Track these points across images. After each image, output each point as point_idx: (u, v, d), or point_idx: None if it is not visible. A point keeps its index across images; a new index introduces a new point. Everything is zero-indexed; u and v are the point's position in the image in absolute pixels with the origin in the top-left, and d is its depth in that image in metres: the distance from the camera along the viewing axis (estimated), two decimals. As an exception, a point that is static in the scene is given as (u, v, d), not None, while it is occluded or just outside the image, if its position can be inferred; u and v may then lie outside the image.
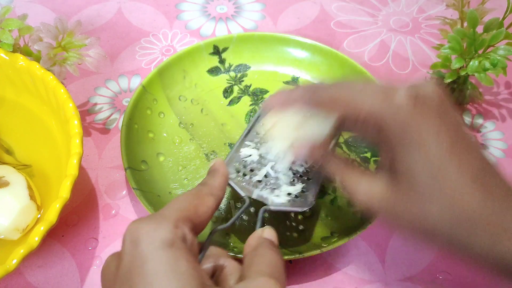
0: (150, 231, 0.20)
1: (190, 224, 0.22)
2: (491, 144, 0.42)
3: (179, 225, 0.21)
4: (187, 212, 0.23)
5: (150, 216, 0.22)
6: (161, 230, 0.20)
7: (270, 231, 0.26)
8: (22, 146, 0.37)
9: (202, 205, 0.24)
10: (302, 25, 0.52)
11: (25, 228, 0.32)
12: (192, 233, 0.22)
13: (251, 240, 0.25)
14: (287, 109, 0.28)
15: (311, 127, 0.28)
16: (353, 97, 0.25)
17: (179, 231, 0.21)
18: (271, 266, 0.22)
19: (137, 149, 0.37)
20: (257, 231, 0.26)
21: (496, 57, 0.37)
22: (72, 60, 0.38)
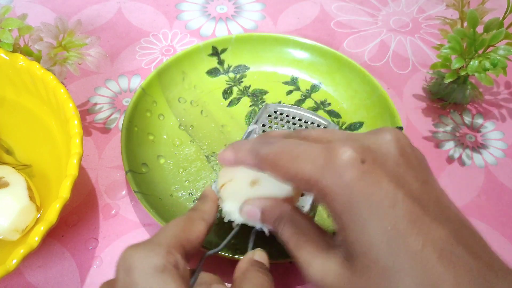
0: (143, 258, 0.20)
1: (182, 250, 0.22)
2: (491, 144, 0.42)
3: (172, 251, 0.21)
4: (179, 238, 0.23)
5: (143, 243, 0.22)
6: (154, 256, 0.20)
7: (261, 254, 0.26)
8: (22, 146, 0.37)
9: (193, 231, 0.24)
10: (302, 25, 0.52)
11: (24, 229, 0.32)
12: (184, 259, 0.22)
13: (242, 263, 0.25)
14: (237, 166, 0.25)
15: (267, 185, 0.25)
16: (293, 161, 0.21)
17: (171, 257, 0.21)
18: None
19: (138, 152, 0.37)
20: (248, 253, 0.26)
21: (496, 57, 0.37)
22: (73, 60, 0.38)
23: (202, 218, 0.25)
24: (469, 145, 0.42)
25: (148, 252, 0.21)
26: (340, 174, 0.19)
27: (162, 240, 0.22)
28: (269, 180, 0.25)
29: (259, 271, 0.24)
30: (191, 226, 0.24)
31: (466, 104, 0.45)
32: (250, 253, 0.26)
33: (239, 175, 0.26)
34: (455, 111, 0.45)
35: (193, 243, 0.24)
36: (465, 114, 0.45)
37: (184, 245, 0.23)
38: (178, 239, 0.23)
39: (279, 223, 0.24)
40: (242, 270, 0.24)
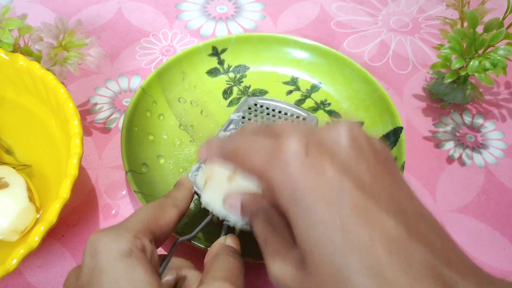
0: (109, 242, 0.20)
1: (151, 236, 0.22)
2: (491, 144, 0.42)
3: (139, 236, 0.21)
4: (148, 223, 0.23)
5: (111, 227, 0.22)
6: (120, 241, 0.20)
7: (232, 239, 0.26)
8: (22, 146, 0.37)
9: (164, 217, 0.24)
10: (302, 25, 0.52)
11: (23, 230, 0.32)
12: (152, 245, 0.22)
13: (212, 248, 0.25)
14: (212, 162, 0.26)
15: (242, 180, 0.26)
16: (247, 155, 0.20)
17: (138, 242, 0.21)
18: (226, 271, 0.22)
19: (138, 152, 0.37)
20: (219, 239, 0.26)
21: (496, 57, 0.37)
22: (73, 60, 0.38)
23: (174, 205, 0.26)
24: (469, 145, 0.42)
25: (115, 237, 0.21)
26: (284, 167, 0.18)
27: (130, 225, 0.22)
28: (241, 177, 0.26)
29: (228, 255, 0.24)
30: (161, 212, 0.24)
31: (466, 104, 0.45)
32: (222, 238, 0.26)
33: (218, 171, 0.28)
34: (455, 111, 0.45)
35: (163, 229, 0.24)
36: (465, 114, 0.45)
37: (153, 230, 0.23)
38: (147, 224, 0.23)
39: (254, 217, 0.24)
40: (213, 254, 0.25)
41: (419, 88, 0.47)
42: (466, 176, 0.40)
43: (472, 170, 0.40)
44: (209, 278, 0.22)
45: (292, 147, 0.18)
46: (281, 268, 0.20)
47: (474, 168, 0.41)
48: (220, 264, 0.23)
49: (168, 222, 0.24)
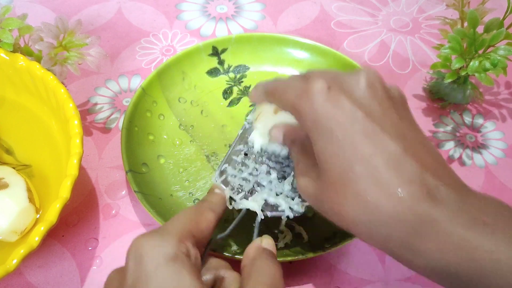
0: (154, 246, 0.20)
1: (193, 239, 0.23)
2: (491, 144, 0.42)
3: (183, 240, 0.22)
4: (190, 227, 0.23)
5: (154, 231, 0.22)
6: (165, 245, 0.21)
7: (268, 241, 0.26)
8: (22, 146, 0.37)
9: (203, 220, 0.25)
10: (302, 25, 0.52)
11: (23, 230, 0.32)
12: (195, 248, 0.22)
13: (250, 251, 0.25)
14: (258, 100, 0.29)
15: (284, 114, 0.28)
16: (283, 93, 0.24)
17: (182, 246, 0.21)
18: (269, 277, 0.22)
19: (138, 152, 0.37)
20: (255, 241, 0.26)
21: (496, 57, 0.37)
22: (73, 60, 0.38)
23: (211, 209, 0.26)
24: (469, 145, 0.42)
25: (160, 241, 0.21)
26: (311, 100, 0.22)
27: (173, 229, 0.22)
28: None
29: (268, 259, 0.24)
30: (200, 216, 0.25)
31: (466, 104, 0.45)
32: (258, 239, 0.26)
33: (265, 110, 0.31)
34: (455, 111, 0.45)
35: (203, 232, 0.24)
36: (465, 114, 0.45)
37: (195, 234, 0.23)
38: (189, 228, 0.23)
39: (292, 145, 0.28)
40: (251, 258, 0.24)
41: (419, 88, 0.47)
42: (466, 176, 0.40)
43: (472, 170, 0.40)
44: (252, 283, 0.22)
45: (318, 85, 0.22)
46: (306, 180, 0.24)
47: (474, 168, 0.41)
48: (262, 270, 0.23)
49: (208, 225, 0.25)
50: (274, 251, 0.26)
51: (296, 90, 0.23)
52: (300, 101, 0.23)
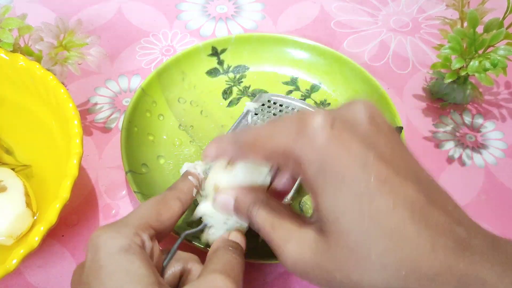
0: (109, 238, 0.21)
1: (151, 231, 0.23)
2: (491, 144, 0.42)
3: (139, 232, 0.22)
4: (149, 219, 0.23)
5: (112, 224, 0.23)
6: (119, 237, 0.21)
7: (236, 234, 0.26)
8: (22, 146, 0.37)
9: (166, 211, 0.25)
10: (302, 25, 0.52)
11: (19, 235, 0.32)
12: (152, 240, 0.23)
13: (215, 243, 0.26)
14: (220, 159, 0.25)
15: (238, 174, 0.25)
16: (269, 137, 0.21)
17: (137, 238, 0.22)
18: (224, 264, 0.23)
19: (138, 152, 0.37)
20: (223, 234, 0.26)
21: (496, 57, 0.37)
22: (74, 59, 0.38)
23: (178, 198, 0.26)
24: (469, 145, 0.42)
25: (115, 233, 0.22)
26: (311, 140, 0.19)
27: (130, 221, 0.23)
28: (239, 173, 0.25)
29: (229, 249, 0.24)
30: (164, 206, 0.25)
31: (466, 104, 0.45)
32: (226, 233, 0.26)
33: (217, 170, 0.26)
34: (455, 111, 0.45)
35: (165, 223, 0.24)
36: (465, 114, 0.45)
37: (154, 225, 0.23)
38: (147, 219, 0.23)
39: (252, 208, 0.23)
40: (214, 248, 0.25)
41: (419, 88, 0.47)
42: (466, 176, 0.40)
43: (472, 170, 0.40)
44: (207, 270, 0.22)
45: (317, 121, 0.19)
46: (299, 246, 0.20)
47: (474, 168, 0.41)
48: (219, 258, 0.23)
49: (171, 216, 0.25)
50: (241, 244, 0.26)
51: (289, 131, 0.20)
52: (296, 143, 0.19)
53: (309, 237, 0.20)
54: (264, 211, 0.23)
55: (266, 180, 0.26)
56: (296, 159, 0.19)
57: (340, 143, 0.18)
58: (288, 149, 0.20)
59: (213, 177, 0.27)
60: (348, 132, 0.19)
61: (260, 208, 0.23)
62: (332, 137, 0.18)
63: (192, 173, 0.29)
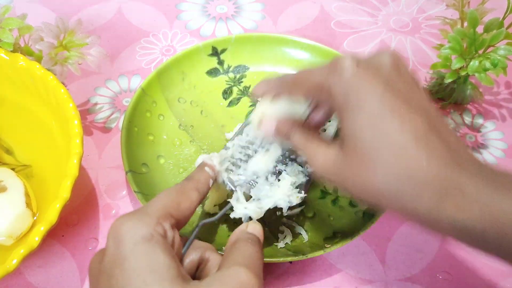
0: (131, 228, 0.21)
1: (172, 220, 0.23)
2: (491, 144, 0.42)
3: (160, 221, 0.22)
4: (169, 208, 0.24)
5: (133, 212, 0.23)
6: (142, 227, 0.21)
7: (254, 226, 0.27)
8: (22, 146, 0.37)
9: (185, 201, 0.25)
10: (302, 25, 0.52)
11: (19, 235, 0.32)
12: (173, 229, 0.23)
13: (233, 235, 0.26)
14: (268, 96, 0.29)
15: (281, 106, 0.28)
16: (308, 75, 0.25)
17: (159, 227, 0.22)
18: (245, 257, 0.23)
19: (138, 152, 0.37)
20: (242, 225, 0.27)
21: (496, 57, 0.37)
22: (74, 59, 0.38)
23: (195, 188, 0.27)
24: (469, 145, 0.42)
25: (137, 223, 0.22)
26: (339, 75, 0.23)
27: (151, 210, 0.23)
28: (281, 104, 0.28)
29: (248, 241, 0.25)
30: (182, 195, 0.25)
31: (466, 104, 0.45)
32: (244, 225, 0.27)
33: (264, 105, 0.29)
34: (455, 111, 0.45)
35: (184, 213, 0.25)
36: (465, 114, 0.45)
37: (174, 215, 0.24)
38: (168, 209, 0.24)
39: (290, 131, 0.27)
40: (233, 240, 0.25)
41: (419, 88, 0.47)
42: (466, 176, 0.40)
43: (472, 170, 0.40)
44: (228, 262, 0.22)
45: (347, 61, 0.23)
46: (324, 156, 0.25)
47: (474, 168, 0.41)
48: (239, 250, 0.24)
49: (190, 206, 0.25)
50: (259, 236, 0.26)
51: (323, 71, 0.24)
52: (328, 78, 0.24)
53: (332, 151, 0.24)
54: (300, 133, 0.27)
55: (304, 114, 0.29)
56: (328, 91, 0.24)
57: (362, 79, 0.22)
58: (322, 83, 0.24)
59: (260, 109, 0.29)
60: (371, 70, 0.22)
61: (296, 130, 0.27)
62: (356, 73, 0.22)
63: (208, 164, 0.29)
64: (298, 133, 0.27)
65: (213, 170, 0.29)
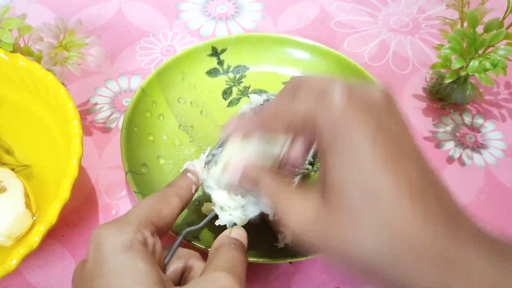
0: (111, 236, 0.21)
1: (153, 227, 0.23)
2: (491, 144, 0.42)
3: (141, 228, 0.22)
4: (150, 215, 0.23)
5: (114, 221, 0.23)
6: (121, 234, 0.21)
7: (238, 231, 0.26)
8: (22, 146, 0.37)
9: (166, 207, 0.25)
10: (302, 25, 0.52)
11: (18, 236, 0.32)
12: (154, 236, 0.23)
13: (217, 240, 0.26)
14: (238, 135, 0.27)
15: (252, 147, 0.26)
16: (289, 107, 0.22)
17: (139, 234, 0.22)
18: (228, 262, 0.23)
19: (137, 152, 0.37)
20: (226, 231, 0.26)
21: (496, 57, 0.37)
22: (74, 59, 0.38)
23: (177, 194, 0.26)
24: (469, 145, 0.42)
25: (116, 230, 0.22)
26: (328, 110, 0.20)
27: (131, 218, 0.23)
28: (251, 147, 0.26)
29: (231, 247, 0.24)
30: (163, 202, 0.25)
31: (466, 104, 0.45)
32: (227, 230, 0.26)
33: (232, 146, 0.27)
34: (455, 111, 0.45)
35: (166, 220, 0.24)
36: (465, 114, 0.45)
37: (155, 222, 0.23)
38: (149, 216, 0.23)
39: (260, 178, 0.25)
40: (217, 245, 0.25)
41: (419, 88, 0.47)
42: (466, 176, 0.40)
43: (472, 170, 0.40)
44: (209, 268, 0.22)
45: (336, 95, 0.20)
46: (302, 209, 0.21)
47: (474, 168, 0.41)
48: (221, 255, 0.23)
49: (171, 213, 0.25)
50: (243, 241, 0.26)
51: (309, 99, 0.21)
52: (316, 111, 0.21)
53: (312, 202, 0.21)
54: (270, 181, 0.24)
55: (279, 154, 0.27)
56: (314, 125, 0.21)
57: (354, 118, 0.20)
58: (307, 115, 0.21)
59: (227, 151, 0.28)
60: (363, 109, 0.20)
61: (267, 178, 0.24)
62: (348, 111, 0.20)
63: (191, 170, 0.29)
64: (268, 180, 0.24)
65: (196, 176, 0.29)
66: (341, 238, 0.19)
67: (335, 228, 0.20)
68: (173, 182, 0.28)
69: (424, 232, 0.18)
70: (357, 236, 0.19)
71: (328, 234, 0.20)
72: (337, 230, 0.20)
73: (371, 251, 0.19)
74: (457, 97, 0.44)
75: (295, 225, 0.21)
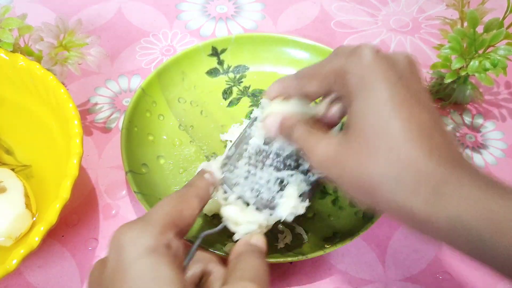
0: (134, 238, 0.20)
1: (175, 228, 0.22)
2: (491, 144, 0.42)
3: (164, 231, 0.21)
4: (172, 217, 0.23)
5: (136, 221, 0.22)
6: (145, 237, 0.21)
7: (258, 237, 0.26)
8: (22, 146, 0.37)
9: (187, 208, 0.24)
10: (302, 25, 0.52)
11: (18, 236, 0.32)
12: (177, 239, 0.22)
13: (237, 247, 0.25)
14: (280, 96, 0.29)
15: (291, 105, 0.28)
16: (325, 63, 0.25)
17: (163, 237, 0.21)
18: (252, 271, 0.22)
19: (138, 152, 0.37)
20: (245, 237, 0.26)
21: (496, 57, 0.37)
22: (74, 59, 0.38)
23: (196, 195, 0.26)
24: (469, 145, 0.42)
25: (140, 232, 0.21)
26: (359, 58, 0.23)
27: (154, 219, 0.22)
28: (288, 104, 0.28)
29: (253, 254, 0.24)
30: (184, 203, 0.24)
31: (466, 104, 0.45)
32: (247, 236, 0.26)
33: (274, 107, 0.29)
34: (455, 111, 0.45)
35: (187, 221, 0.24)
36: (465, 114, 0.45)
37: (177, 223, 0.23)
38: (171, 217, 0.23)
39: (293, 127, 0.27)
40: (237, 253, 0.24)
41: (419, 88, 0.47)
42: (466, 176, 0.40)
43: (472, 170, 0.40)
44: (234, 277, 0.22)
45: (367, 47, 0.23)
46: (327, 145, 0.24)
47: (474, 168, 0.41)
48: (246, 264, 0.23)
49: (192, 213, 0.24)
50: (263, 248, 0.25)
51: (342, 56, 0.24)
52: (347, 61, 0.24)
53: (335, 140, 0.24)
54: (302, 127, 0.26)
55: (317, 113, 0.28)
56: (343, 76, 0.24)
57: (379, 66, 0.23)
58: (339, 68, 0.24)
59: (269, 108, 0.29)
60: (388, 63, 0.23)
61: (299, 125, 0.26)
62: (376, 59, 0.23)
63: (208, 171, 0.28)
64: (301, 128, 0.27)
65: (213, 176, 0.28)
66: (356, 166, 0.22)
67: (352, 159, 0.22)
68: (191, 182, 0.27)
69: (427, 166, 0.21)
70: (370, 164, 0.22)
71: (345, 164, 0.23)
72: (353, 160, 0.22)
73: (380, 176, 0.21)
74: (457, 97, 0.44)
75: (319, 159, 0.24)
